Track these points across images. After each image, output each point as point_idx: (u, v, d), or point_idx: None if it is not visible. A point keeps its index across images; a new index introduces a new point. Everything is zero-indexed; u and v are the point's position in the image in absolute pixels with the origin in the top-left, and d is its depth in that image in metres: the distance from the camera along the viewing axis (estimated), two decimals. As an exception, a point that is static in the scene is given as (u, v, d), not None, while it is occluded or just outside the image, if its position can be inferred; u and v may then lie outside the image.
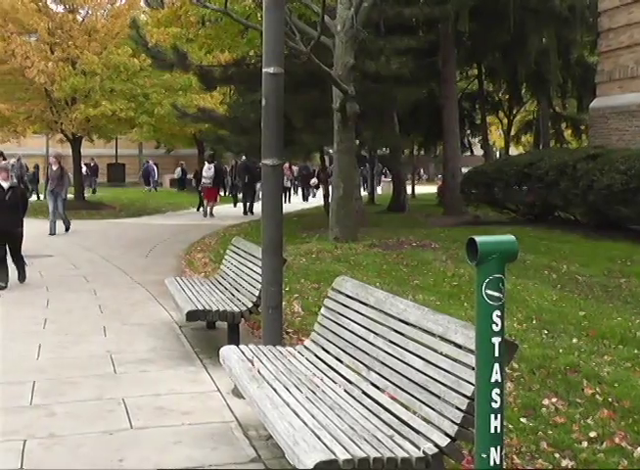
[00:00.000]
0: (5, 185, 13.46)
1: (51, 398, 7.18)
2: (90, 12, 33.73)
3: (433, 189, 46.32)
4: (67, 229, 23.41)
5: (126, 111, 31.41)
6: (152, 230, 25.08)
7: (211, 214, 31.26)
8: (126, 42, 29.32)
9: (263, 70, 7.07)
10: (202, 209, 32.64)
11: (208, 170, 32.00)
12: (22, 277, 14.10)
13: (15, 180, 13.96)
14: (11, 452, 5.82)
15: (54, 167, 23.03)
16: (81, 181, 37.22)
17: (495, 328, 3.50)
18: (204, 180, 32.21)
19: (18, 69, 30.54)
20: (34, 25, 31.22)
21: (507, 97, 42.38)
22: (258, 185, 29.52)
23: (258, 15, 20.76)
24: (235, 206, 36.85)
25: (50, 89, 31.38)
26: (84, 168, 51.65)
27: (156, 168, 58.89)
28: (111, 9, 33.87)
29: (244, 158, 35.69)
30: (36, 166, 48.23)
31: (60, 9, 33.71)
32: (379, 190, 46.81)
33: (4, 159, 17.54)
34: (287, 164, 38.98)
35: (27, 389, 7.45)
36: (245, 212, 32.62)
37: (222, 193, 41.50)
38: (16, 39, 30.45)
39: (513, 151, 47.81)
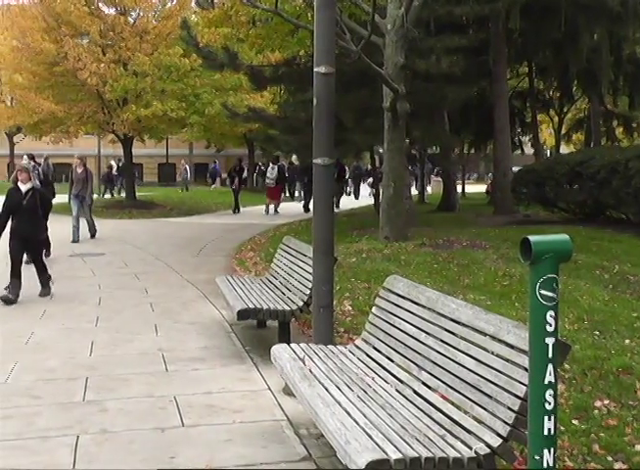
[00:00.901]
0: (24, 188, 12.47)
1: (103, 394, 7.26)
2: (141, 13, 33.96)
3: (482, 188, 46.20)
4: (92, 235, 22.08)
5: (177, 111, 31.57)
6: (202, 229, 25.20)
7: (276, 212, 32.66)
8: (177, 43, 29.51)
9: (315, 69, 7.08)
10: (237, 210, 33.18)
11: (272, 171, 33.80)
12: (44, 291, 12.88)
13: (37, 182, 13.20)
14: (64, 447, 5.91)
15: (78, 170, 21.26)
16: (132, 181, 37.47)
17: (549, 328, 3.48)
18: (267, 180, 34.12)
19: (70, 70, 30.88)
20: (87, 28, 31.54)
21: (558, 95, 41.93)
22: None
23: (309, 14, 20.78)
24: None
25: (102, 90, 31.68)
26: (114, 168, 51.96)
27: (188, 169, 58.94)
28: (162, 10, 34.10)
29: (294, 157, 36.04)
30: (110, 166, 48.69)
31: (111, 11, 33.99)
32: (429, 189, 46.63)
33: (34, 161, 17.05)
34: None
35: (80, 385, 7.55)
36: (306, 210, 33.37)
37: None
38: (68, 42, 30.77)
39: (563, 149, 47.34)
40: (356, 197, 44.01)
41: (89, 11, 32.06)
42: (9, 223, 12.55)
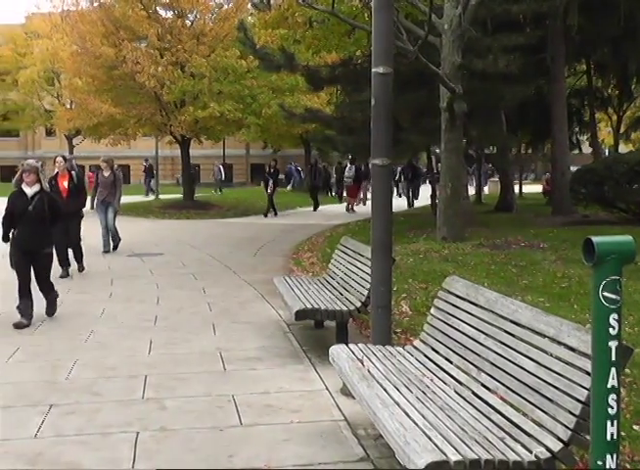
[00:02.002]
0: (30, 191, 10.57)
1: (162, 392, 7.33)
2: (198, 16, 34.20)
3: (540, 188, 45.72)
4: (115, 247, 19.44)
5: (234, 112, 31.73)
6: (259, 229, 25.33)
7: (352, 210, 33.85)
8: (234, 44, 29.64)
9: (373, 69, 7.07)
10: (275, 213, 32.67)
11: (349, 170, 35.47)
12: (50, 310, 11.18)
13: (46, 184, 11.04)
14: (125, 443, 5.98)
15: (105, 174, 19.13)
16: (190, 182, 37.72)
17: (612, 332, 3.44)
18: (346, 179, 36.10)
19: (128, 73, 31.23)
20: (145, 32, 31.86)
21: (616, 93, 41.38)
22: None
23: (365, 15, 20.80)
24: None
25: (159, 92, 31.96)
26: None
27: (222, 169, 58.98)
28: (218, 12, 34.28)
29: (349, 157, 36.25)
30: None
31: (169, 14, 34.30)
32: (486, 189, 46.34)
33: (65, 162, 16.24)
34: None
35: (140, 383, 7.64)
36: (409, 206, 37.46)
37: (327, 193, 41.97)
38: (127, 45, 31.12)
39: (622, 148, 46.66)
40: (415, 197, 43.94)
41: (147, 15, 32.42)
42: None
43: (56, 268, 12.81)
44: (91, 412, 6.74)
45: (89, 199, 18.44)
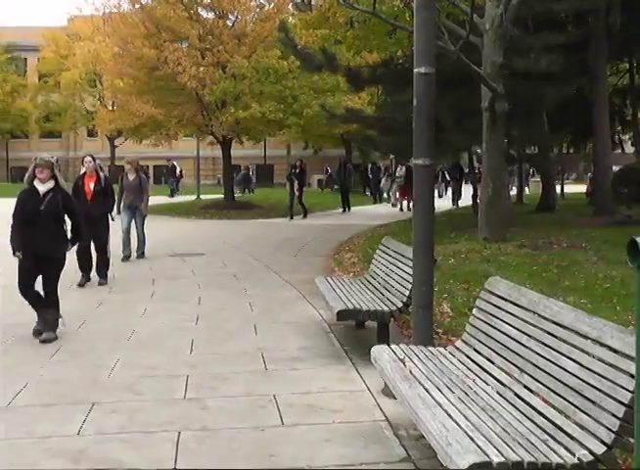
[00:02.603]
0: (42, 188, 9.57)
1: (203, 392, 7.37)
2: (239, 17, 34.32)
3: (581, 188, 45.36)
4: (141, 254, 18.23)
5: (275, 112, 31.80)
6: (300, 230, 25.36)
7: (408, 209, 33.28)
8: (275, 45, 29.69)
9: (415, 70, 7.06)
10: (305, 216, 31.92)
11: (400, 170, 35.79)
12: (50, 325, 9.72)
13: (62, 180, 9.94)
14: (167, 443, 6.02)
15: (130, 177, 17.62)
16: (231, 183, 37.83)
17: (656, 333, 3.41)
18: (397, 179, 36.47)
19: (170, 74, 31.40)
20: (186, 33, 32.06)
21: (659, 91, 40.96)
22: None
23: (407, 15, 20.75)
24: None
25: (201, 93, 32.12)
26: (251, 171, 52.07)
27: (251, 170, 58.97)
28: (259, 13, 34.38)
29: (391, 157, 36.36)
30: (247, 168, 49.00)
31: (210, 15, 34.45)
32: (527, 190, 46.05)
33: (94, 162, 15.13)
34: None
35: (181, 382, 7.67)
36: (454, 205, 38.26)
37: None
38: (168, 47, 31.33)
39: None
40: (458, 197, 43.91)
41: (188, 16, 32.61)
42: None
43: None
44: (133, 411, 6.80)
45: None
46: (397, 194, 37.04)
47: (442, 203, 37.72)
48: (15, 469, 5.61)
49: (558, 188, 39.72)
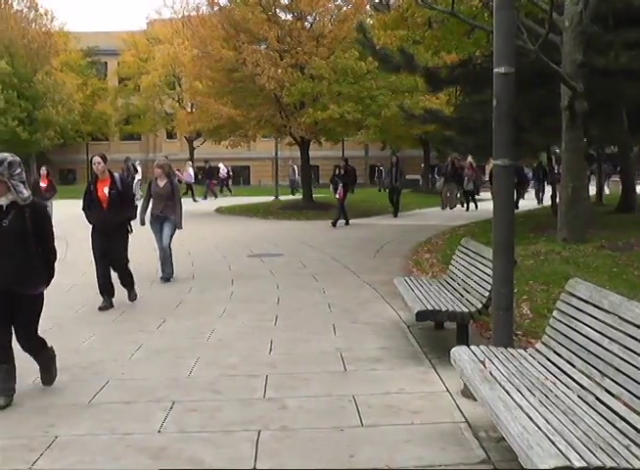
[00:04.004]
0: (3, 202, 7.15)
1: (283, 392, 7.41)
2: (317, 18, 34.39)
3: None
4: (168, 276, 14.97)
5: (354, 113, 31.77)
6: (378, 230, 25.33)
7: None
8: (353, 46, 29.67)
9: (494, 69, 7.02)
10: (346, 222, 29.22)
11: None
12: (46, 377, 7.77)
13: (25, 191, 6.99)
14: (246, 442, 6.07)
15: (160, 183, 14.99)
16: (309, 183, 37.87)
17: None
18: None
19: (249, 76, 31.59)
20: (264, 34, 32.20)
21: None
22: None
23: (485, 14, 20.59)
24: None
25: (279, 94, 32.23)
26: (223, 171, 51.83)
27: (296, 169, 58.32)
28: (337, 14, 34.38)
29: (453, 155, 36.23)
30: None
31: (288, 17, 34.59)
32: (606, 190, 45.39)
33: (105, 162, 12.85)
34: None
35: (261, 382, 7.73)
36: (539, 202, 39.26)
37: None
38: (247, 48, 31.49)
39: None
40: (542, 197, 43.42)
41: (267, 17, 32.75)
42: None
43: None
44: (213, 410, 6.88)
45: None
46: (448, 193, 36.96)
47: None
48: (97, 465, 5.72)
49: (638, 188, 39.12)
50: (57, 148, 61.29)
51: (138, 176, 39.68)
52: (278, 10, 34.23)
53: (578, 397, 5.34)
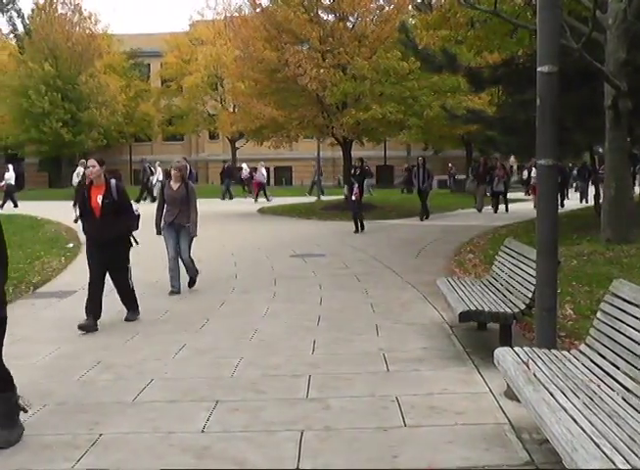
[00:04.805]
0: None
1: (326, 392, 7.42)
2: (360, 19, 34.38)
3: None
4: (192, 282, 14.17)
5: (396, 113, 31.74)
6: (421, 231, 25.27)
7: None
8: (395, 46, 29.65)
9: (538, 69, 6.99)
10: (361, 228, 25.98)
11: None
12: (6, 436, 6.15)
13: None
14: (289, 442, 6.09)
15: (174, 186, 13.87)
16: (350, 184, 37.83)
17: None
18: (532, 180, 35.65)
19: (291, 77, 31.66)
20: (307, 35, 32.28)
21: None
22: None
23: (528, 13, 20.48)
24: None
25: (321, 95, 32.27)
26: (246, 171, 51.48)
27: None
28: (379, 14, 34.35)
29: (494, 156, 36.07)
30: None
31: (330, 17, 34.60)
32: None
33: (102, 166, 11.71)
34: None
35: (303, 382, 7.76)
36: (585, 202, 39.00)
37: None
38: (289, 49, 31.61)
39: None
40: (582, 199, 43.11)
41: (309, 18, 32.82)
42: None
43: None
44: (256, 410, 6.90)
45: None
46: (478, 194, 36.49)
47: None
48: (141, 463, 5.77)
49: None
50: (100, 149, 61.77)
51: (158, 177, 39.51)
52: (320, 10, 34.26)
53: (623, 399, 5.30)
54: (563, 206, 34.19)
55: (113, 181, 10.94)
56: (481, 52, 25.76)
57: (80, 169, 29.38)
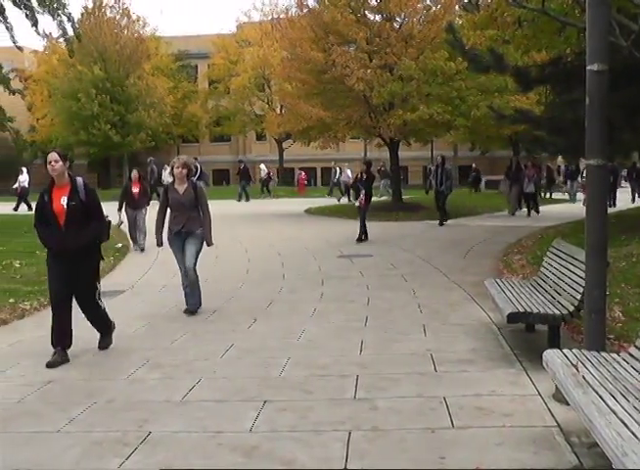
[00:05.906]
0: None
1: (373, 392, 7.40)
2: (406, 19, 34.32)
3: None
4: (196, 307, 12.04)
5: (443, 114, 31.66)
6: (468, 231, 25.17)
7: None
8: (442, 46, 29.55)
9: (587, 67, 6.92)
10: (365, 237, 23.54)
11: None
12: None
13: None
14: (337, 442, 6.08)
15: (179, 188, 11.98)
16: (399, 184, 37.78)
17: None
18: (582, 180, 36.11)
19: (338, 77, 31.72)
20: (353, 36, 32.32)
21: None
22: None
23: (576, 11, 20.32)
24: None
25: (368, 95, 32.25)
26: (264, 172, 51.10)
27: (340, 171, 57.19)
28: (426, 15, 34.27)
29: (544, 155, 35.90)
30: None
31: (377, 18, 34.59)
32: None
33: (66, 161, 10.37)
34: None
35: (351, 382, 7.74)
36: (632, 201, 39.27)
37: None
38: (336, 50, 31.64)
39: None
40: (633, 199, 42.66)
41: (356, 19, 32.89)
42: None
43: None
44: (304, 410, 6.92)
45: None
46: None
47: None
48: (189, 462, 5.80)
49: None
50: (148, 150, 62.22)
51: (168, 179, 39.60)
52: (367, 11, 34.27)
53: (674, 403, 5.24)
54: (615, 205, 33.88)
55: (79, 180, 9.28)
56: (529, 51, 25.63)
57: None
